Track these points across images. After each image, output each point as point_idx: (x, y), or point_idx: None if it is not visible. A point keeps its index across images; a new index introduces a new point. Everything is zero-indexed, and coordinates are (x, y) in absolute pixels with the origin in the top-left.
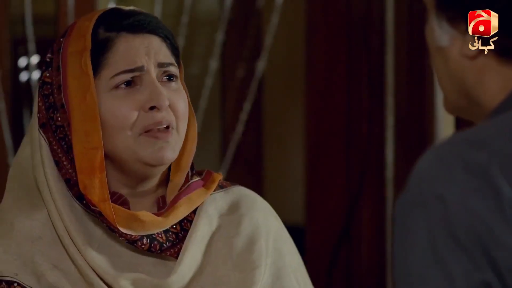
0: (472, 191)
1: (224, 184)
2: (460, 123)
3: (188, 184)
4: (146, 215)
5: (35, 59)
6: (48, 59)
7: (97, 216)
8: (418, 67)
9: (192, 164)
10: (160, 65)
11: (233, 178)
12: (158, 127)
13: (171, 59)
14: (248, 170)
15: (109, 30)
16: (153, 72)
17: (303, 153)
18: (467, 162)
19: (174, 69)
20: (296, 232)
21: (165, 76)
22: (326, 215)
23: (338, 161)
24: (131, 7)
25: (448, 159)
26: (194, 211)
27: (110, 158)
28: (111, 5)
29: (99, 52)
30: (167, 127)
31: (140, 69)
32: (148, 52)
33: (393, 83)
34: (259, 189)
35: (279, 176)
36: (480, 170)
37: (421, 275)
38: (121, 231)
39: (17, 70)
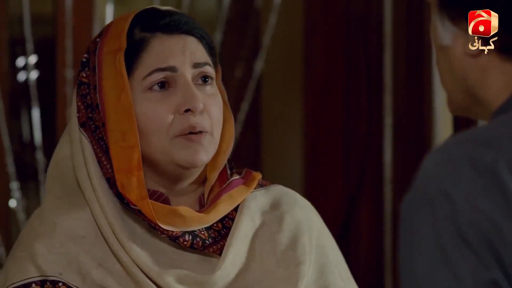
0: (479, 190)
1: (264, 182)
2: (458, 124)
3: (228, 182)
4: (186, 210)
5: (33, 59)
6: (84, 59)
7: (138, 214)
8: (417, 67)
9: (231, 163)
10: (196, 65)
11: None
12: (192, 131)
13: (207, 59)
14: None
15: (144, 30)
16: (188, 73)
17: (301, 153)
18: (474, 161)
19: (210, 69)
20: None
21: (200, 78)
22: (324, 215)
23: (336, 161)
24: (168, 7)
25: (455, 158)
26: (235, 209)
27: (145, 159)
28: (109, 5)
29: (134, 52)
30: (201, 132)
31: (172, 69)
32: (184, 52)
33: (391, 83)
34: None
35: (278, 175)
36: (487, 169)
37: (428, 274)
38: (162, 228)
39: (15, 70)
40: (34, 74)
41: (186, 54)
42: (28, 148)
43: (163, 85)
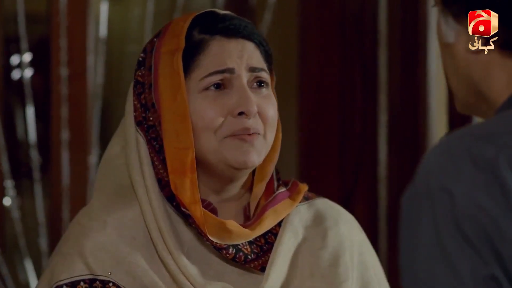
0: (479, 185)
1: (309, 195)
2: (453, 122)
3: (274, 195)
4: (234, 225)
5: (27, 57)
6: (140, 59)
7: (187, 219)
8: (411, 65)
9: (278, 173)
10: (252, 69)
11: None
12: (245, 133)
13: (264, 65)
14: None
15: (203, 32)
16: (244, 76)
17: (296, 150)
18: (475, 157)
19: (265, 75)
20: None
21: (256, 82)
22: None
23: (331, 159)
24: (227, 11)
25: (456, 153)
26: (279, 224)
27: (197, 159)
28: (104, 3)
29: (192, 53)
30: (253, 133)
31: (230, 70)
32: (241, 56)
33: (386, 81)
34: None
35: None
36: (487, 164)
37: (428, 269)
38: (208, 237)
39: (10, 68)
40: (28, 72)
41: (243, 58)
42: (23, 146)
43: (218, 86)
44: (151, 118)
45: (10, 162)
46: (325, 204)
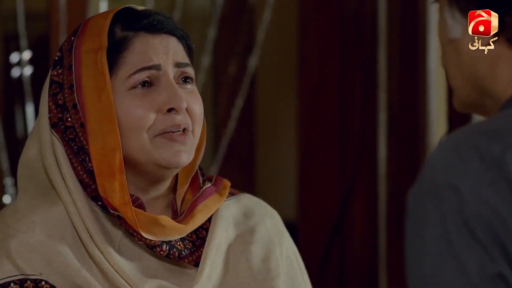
0: (487, 182)
1: (233, 191)
2: (453, 120)
3: (202, 190)
4: (166, 220)
5: (27, 55)
6: (57, 58)
7: (116, 219)
8: (411, 63)
9: (202, 170)
10: (178, 64)
11: (225, 174)
12: (175, 130)
13: (188, 60)
14: (240, 166)
15: (126, 29)
16: (171, 72)
17: (295, 149)
18: (482, 154)
19: (190, 71)
20: (288, 229)
21: (181, 78)
22: (319, 212)
23: (330, 157)
24: (145, 8)
25: (463, 150)
26: (209, 219)
27: (124, 160)
28: (103, 1)
29: (116, 51)
30: (184, 130)
31: (157, 67)
32: (167, 51)
33: (385, 79)
34: (251, 185)
35: (272, 172)
36: (495, 161)
37: (434, 266)
38: (142, 235)
39: (9, 66)
40: (28, 70)
41: (169, 53)
42: (22, 144)
43: (145, 83)
44: (69, 119)
45: (9, 160)
46: (251, 200)
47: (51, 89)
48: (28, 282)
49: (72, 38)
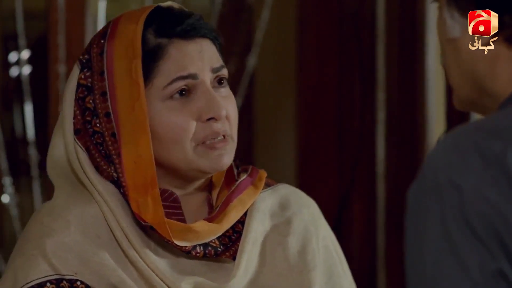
0: (487, 180)
1: (270, 181)
2: (451, 119)
3: (236, 183)
4: (201, 226)
5: (25, 54)
6: (84, 61)
7: (149, 230)
8: (409, 63)
9: (236, 160)
10: (214, 70)
11: None
12: (216, 138)
13: (222, 61)
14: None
15: (160, 36)
16: (208, 78)
17: (294, 148)
18: (482, 151)
19: (225, 72)
20: None
21: (216, 80)
22: None
23: (329, 156)
24: (176, 5)
25: (463, 148)
26: (245, 212)
27: (164, 167)
28: (102, 1)
29: (150, 59)
30: (224, 137)
31: (193, 76)
32: (202, 57)
33: (384, 78)
34: None
35: (271, 170)
36: (495, 159)
37: (435, 264)
38: (175, 244)
39: (8, 65)
40: (26, 70)
41: (204, 59)
42: (21, 143)
43: (183, 92)
44: (98, 125)
45: (8, 159)
46: (288, 190)
47: (77, 93)
48: (64, 282)
49: (102, 41)
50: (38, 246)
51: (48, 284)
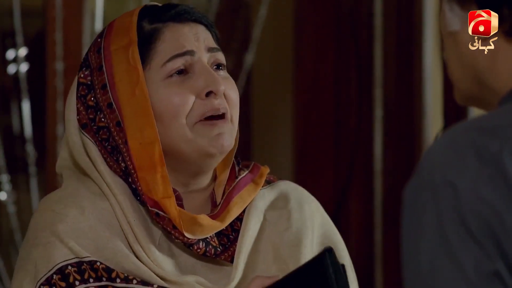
0: (483, 179)
1: (272, 178)
2: (449, 116)
3: (237, 180)
4: (205, 219)
5: (23, 51)
6: (82, 60)
7: (154, 217)
8: (407, 60)
9: (238, 157)
10: (210, 49)
11: None
12: (215, 114)
13: (218, 46)
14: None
15: (155, 22)
16: (205, 58)
17: (291, 145)
18: (479, 150)
19: (222, 57)
20: None
21: (214, 65)
22: None
23: (326, 154)
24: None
25: (460, 146)
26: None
27: (166, 151)
28: None
29: (146, 44)
30: (223, 115)
31: (191, 53)
32: (198, 38)
33: (381, 76)
34: None
35: (268, 167)
36: (492, 158)
37: (431, 264)
38: (179, 232)
39: (5, 63)
40: (24, 67)
41: (200, 40)
42: (18, 140)
43: (181, 71)
44: (103, 119)
45: (5, 157)
46: (288, 186)
47: (78, 91)
48: (84, 264)
49: (99, 40)
50: (53, 233)
51: (69, 267)
